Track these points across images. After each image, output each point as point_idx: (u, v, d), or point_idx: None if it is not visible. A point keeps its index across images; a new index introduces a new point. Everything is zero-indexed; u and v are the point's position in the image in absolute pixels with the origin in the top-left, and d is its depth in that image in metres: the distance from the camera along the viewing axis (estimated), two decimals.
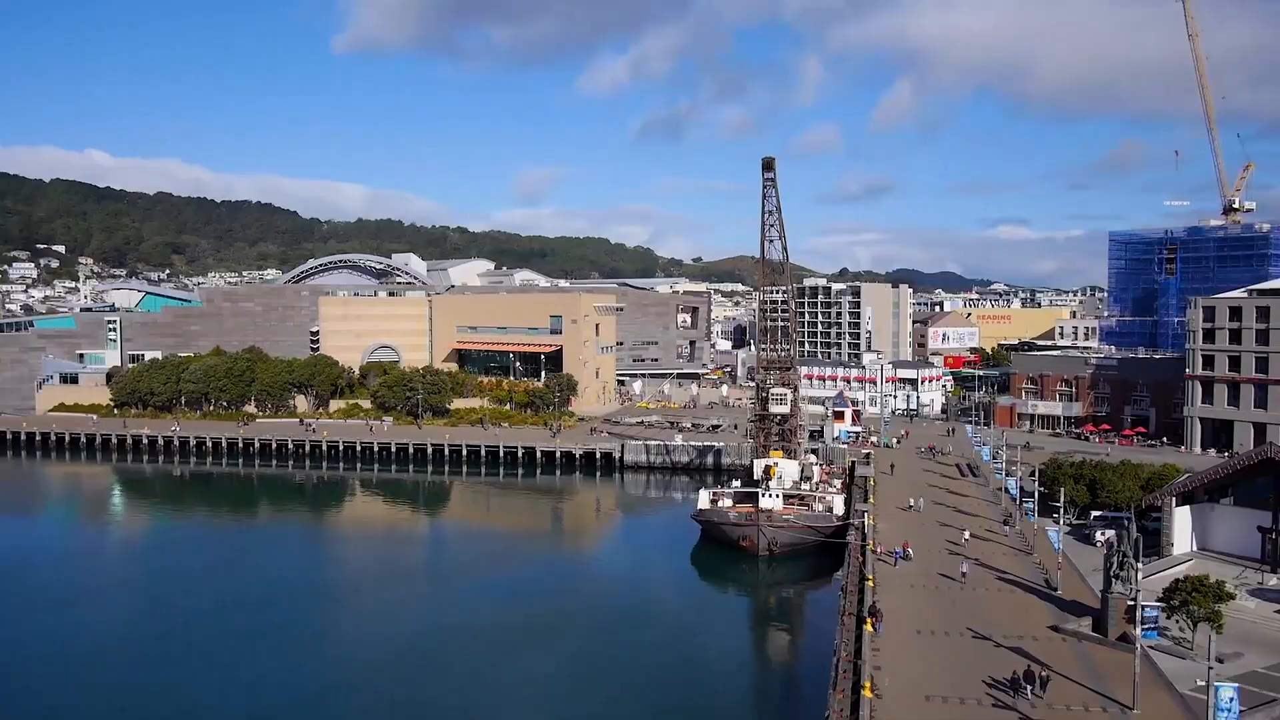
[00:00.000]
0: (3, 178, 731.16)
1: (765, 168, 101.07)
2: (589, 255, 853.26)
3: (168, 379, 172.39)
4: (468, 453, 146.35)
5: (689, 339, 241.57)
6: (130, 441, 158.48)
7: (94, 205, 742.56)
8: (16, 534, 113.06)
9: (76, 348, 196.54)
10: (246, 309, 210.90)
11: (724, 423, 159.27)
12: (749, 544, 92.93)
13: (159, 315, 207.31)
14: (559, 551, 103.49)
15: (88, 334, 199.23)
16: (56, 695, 62.12)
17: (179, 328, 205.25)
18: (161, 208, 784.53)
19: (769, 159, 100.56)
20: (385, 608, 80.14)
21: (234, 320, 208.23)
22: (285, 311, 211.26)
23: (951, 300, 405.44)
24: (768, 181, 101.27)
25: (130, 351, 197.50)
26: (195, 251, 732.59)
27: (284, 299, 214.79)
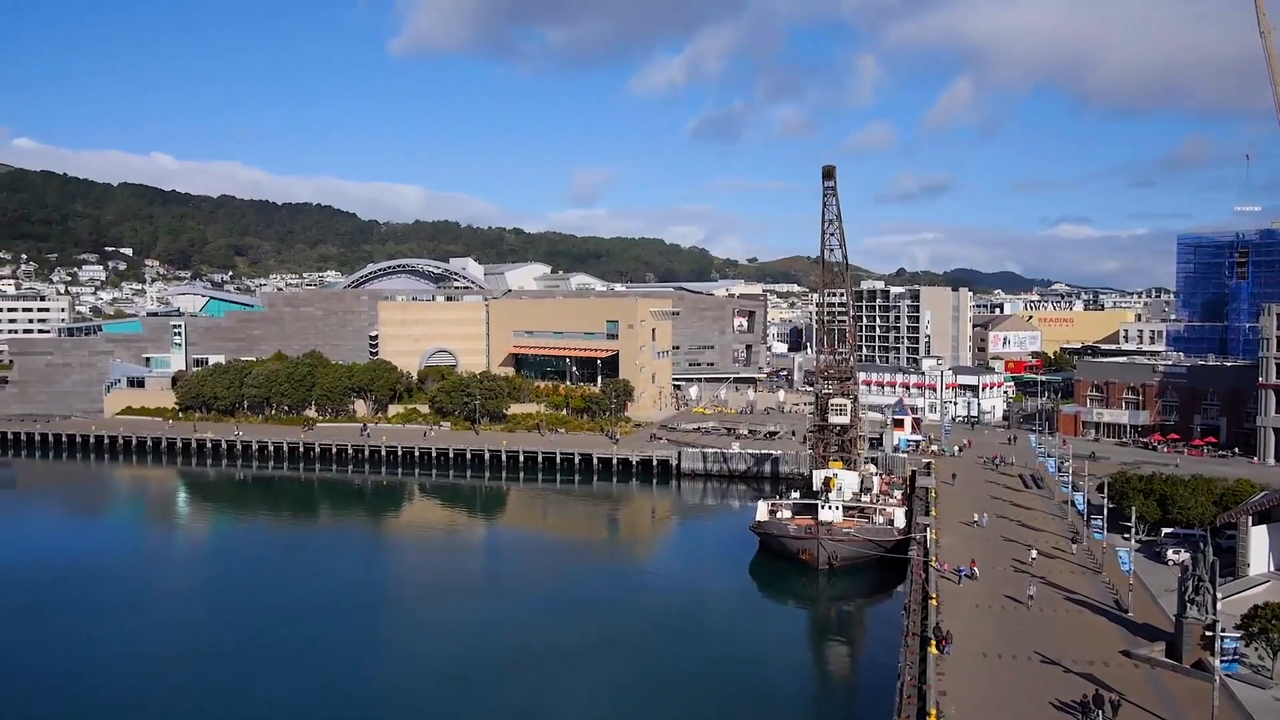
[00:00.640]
0: (74, 182, 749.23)
1: (825, 176, 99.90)
2: (644, 256, 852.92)
3: (231, 383, 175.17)
4: (524, 459, 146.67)
5: (745, 343, 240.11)
6: (195, 445, 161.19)
7: (160, 208, 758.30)
8: (86, 538, 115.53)
9: (143, 352, 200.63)
10: (307, 313, 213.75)
11: (781, 429, 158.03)
12: (808, 557, 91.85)
13: (222, 320, 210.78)
14: (616, 562, 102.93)
15: (154, 338, 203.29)
16: (122, 703, 63.14)
17: (242, 332, 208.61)
18: (224, 210, 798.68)
19: (829, 167, 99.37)
20: (442, 620, 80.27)
21: (295, 324, 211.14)
22: (345, 316, 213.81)
23: (1012, 302, 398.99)
24: (828, 190, 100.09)
25: (194, 355, 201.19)
26: (257, 253, 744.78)
27: (344, 303, 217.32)
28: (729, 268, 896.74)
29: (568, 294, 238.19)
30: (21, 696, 64.27)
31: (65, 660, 70.54)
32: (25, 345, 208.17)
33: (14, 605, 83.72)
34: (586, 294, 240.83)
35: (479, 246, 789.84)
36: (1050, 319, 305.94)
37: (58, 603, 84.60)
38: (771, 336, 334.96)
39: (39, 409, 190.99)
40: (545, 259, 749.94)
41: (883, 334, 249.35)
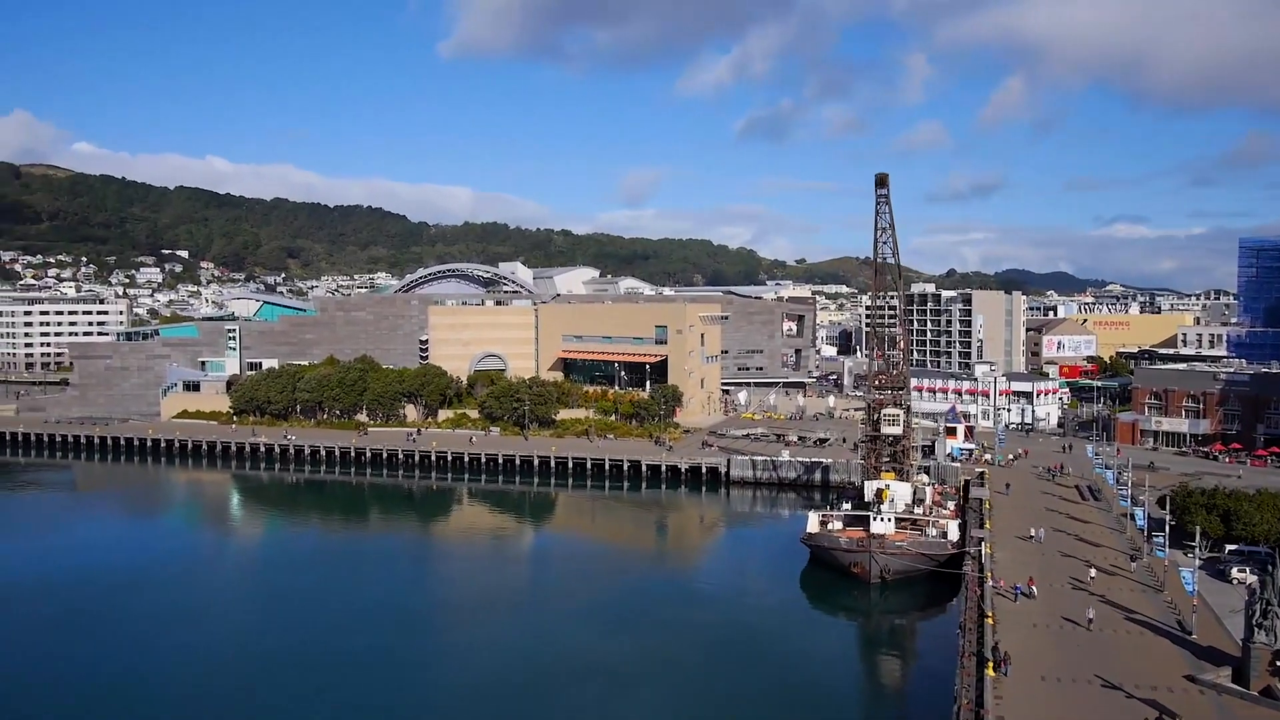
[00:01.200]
0: (132, 186, 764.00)
1: (878, 184, 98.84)
2: (691, 257, 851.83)
3: (284, 388, 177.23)
4: (573, 465, 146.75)
5: (794, 347, 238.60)
6: (248, 449, 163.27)
7: (214, 211, 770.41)
8: (141, 543, 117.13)
9: (198, 355, 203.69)
10: (358, 318, 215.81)
11: (831, 436, 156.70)
12: (860, 571, 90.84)
13: (275, 324, 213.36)
14: (666, 573, 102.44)
15: (209, 342, 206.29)
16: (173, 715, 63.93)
17: (294, 336, 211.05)
18: (277, 213, 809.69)
19: (882, 175, 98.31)
20: (491, 633, 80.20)
21: (346, 328, 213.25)
22: (395, 320, 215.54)
23: (1065, 304, 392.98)
24: (880, 198, 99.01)
25: (248, 359, 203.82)
26: (309, 255, 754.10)
27: (394, 308, 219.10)
28: (777, 269, 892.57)
29: (616, 298, 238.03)
30: (72, 707, 65.31)
31: (116, 671, 71.64)
32: (85, 349, 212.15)
33: (68, 611, 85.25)
34: (635, 298, 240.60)
35: (527, 248, 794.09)
36: (1105, 322, 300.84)
37: (111, 610, 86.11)
38: (820, 340, 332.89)
39: (98, 411, 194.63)
40: (593, 261, 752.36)
41: (934, 338, 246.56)
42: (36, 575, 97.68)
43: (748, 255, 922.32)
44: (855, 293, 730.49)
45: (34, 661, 73.26)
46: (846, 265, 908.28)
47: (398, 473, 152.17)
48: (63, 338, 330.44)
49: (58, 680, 69.43)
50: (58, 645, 76.60)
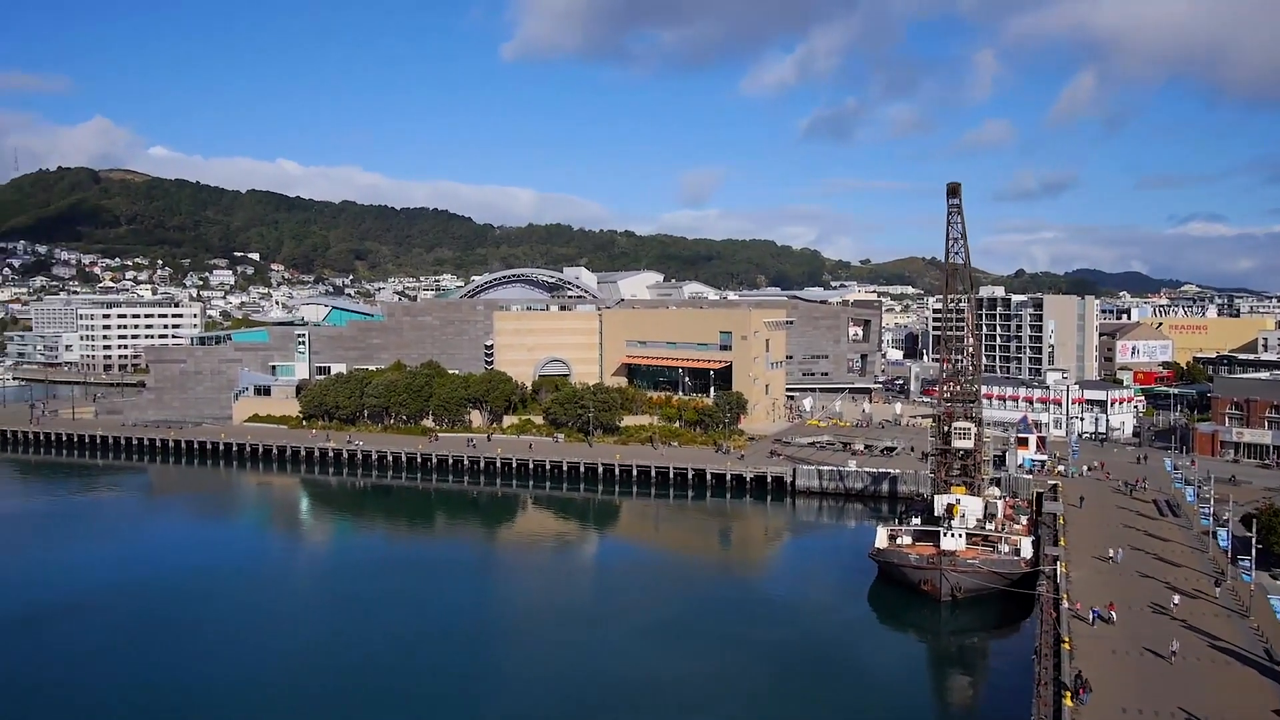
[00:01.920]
0: (205, 190, 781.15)
1: (950, 193, 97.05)
2: (755, 258, 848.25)
3: (352, 393, 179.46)
4: (638, 473, 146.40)
5: (860, 352, 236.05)
6: (317, 453, 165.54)
7: (284, 214, 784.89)
8: (211, 549, 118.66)
9: (269, 360, 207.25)
10: (425, 323, 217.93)
11: (898, 444, 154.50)
12: (930, 588, 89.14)
13: (344, 329, 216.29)
14: (730, 586, 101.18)
15: (279, 346, 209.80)
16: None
17: (362, 340, 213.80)
18: (345, 215, 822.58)
19: (954, 185, 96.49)
20: (554, 650, 79.75)
21: (413, 333, 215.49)
22: (461, 325, 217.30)
23: (1140, 307, 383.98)
24: (953, 207, 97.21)
25: (317, 364, 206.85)
26: (376, 257, 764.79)
27: (460, 313, 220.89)
28: (841, 270, 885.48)
29: (680, 303, 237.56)
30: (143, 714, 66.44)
31: (187, 680, 72.61)
32: (160, 353, 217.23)
33: (142, 618, 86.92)
34: (699, 302, 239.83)
35: (590, 250, 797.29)
36: (1181, 326, 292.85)
37: (184, 617, 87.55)
38: (886, 344, 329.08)
39: (173, 414, 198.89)
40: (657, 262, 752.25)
41: (1003, 344, 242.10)
42: (113, 580, 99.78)
43: (811, 256, 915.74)
44: (921, 294, 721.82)
45: (108, 668, 74.80)
46: (912, 265, 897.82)
47: (463, 479, 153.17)
48: (139, 340, 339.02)
49: (127, 688, 70.76)
50: (130, 653, 78.19)
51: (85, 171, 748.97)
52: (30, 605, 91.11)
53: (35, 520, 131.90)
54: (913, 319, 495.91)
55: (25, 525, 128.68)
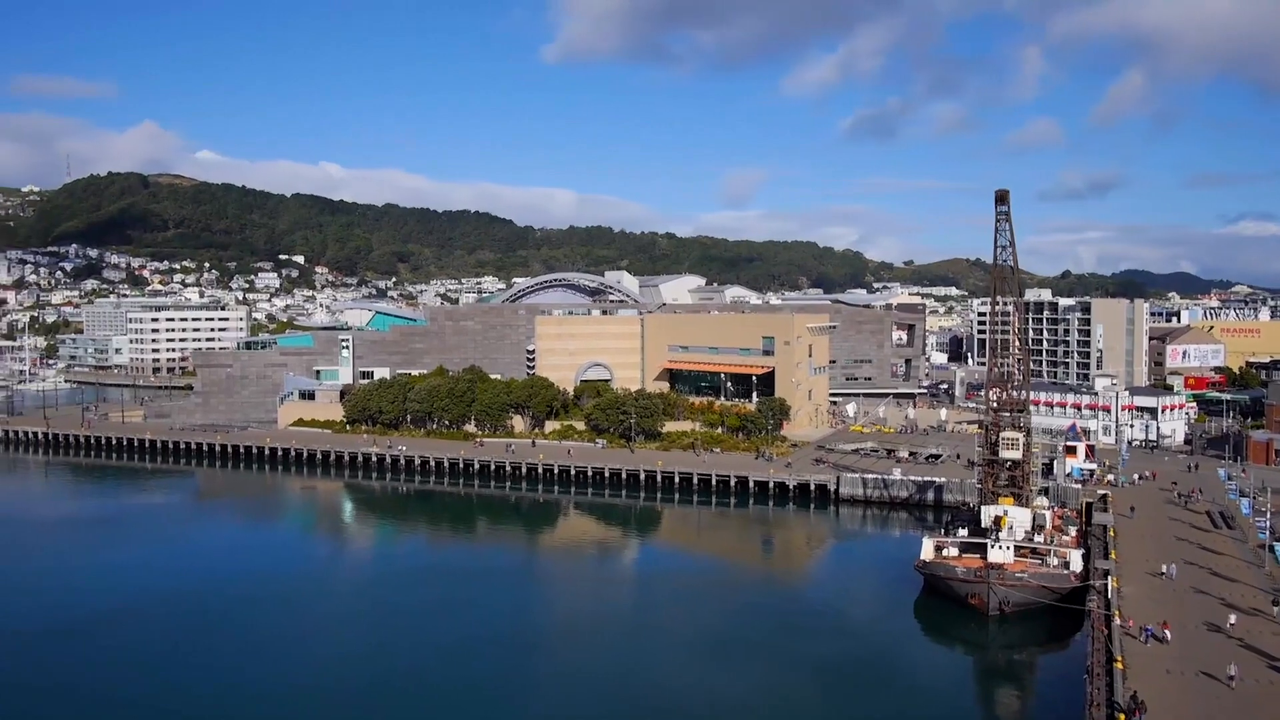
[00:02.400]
0: (251, 193, 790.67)
1: (998, 200, 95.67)
2: (796, 260, 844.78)
3: (395, 398, 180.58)
4: (679, 480, 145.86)
5: (904, 356, 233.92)
6: (361, 458, 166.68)
7: (328, 217, 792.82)
8: (255, 555, 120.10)
9: (313, 364, 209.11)
10: (467, 327, 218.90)
11: (944, 451, 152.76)
12: (978, 602, 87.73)
13: (387, 334, 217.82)
14: (774, 598, 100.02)
15: (323, 351, 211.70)
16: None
17: (405, 345, 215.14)
18: (388, 218, 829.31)
19: (1002, 192, 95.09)
20: (596, 662, 79.48)
21: (455, 338, 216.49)
22: (503, 330, 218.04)
23: (1190, 309, 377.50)
24: (1001, 215, 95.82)
25: (361, 368, 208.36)
26: (418, 260, 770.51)
27: (501, 317, 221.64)
28: (884, 271, 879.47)
29: (722, 307, 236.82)
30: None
31: (226, 689, 73.15)
32: (207, 358, 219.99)
33: (186, 627, 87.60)
34: (741, 307, 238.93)
35: (631, 251, 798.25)
36: (1233, 329, 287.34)
37: (226, 625, 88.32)
38: (930, 347, 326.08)
39: (220, 418, 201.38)
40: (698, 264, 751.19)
41: (1050, 349, 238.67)
42: (161, 586, 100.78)
43: (854, 257, 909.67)
44: (966, 294, 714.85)
45: (156, 674, 75.48)
46: (956, 266, 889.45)
47: (505, 484, 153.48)
48: (187, 344, 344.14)
49: (175, 694, 71.40)
50: (178, 659, 78.84)
51: (135, 176, 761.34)
52: (80, 611, 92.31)
53: (87, 525, 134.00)
54: (957, 321, 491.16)
55: (77, 530, 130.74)
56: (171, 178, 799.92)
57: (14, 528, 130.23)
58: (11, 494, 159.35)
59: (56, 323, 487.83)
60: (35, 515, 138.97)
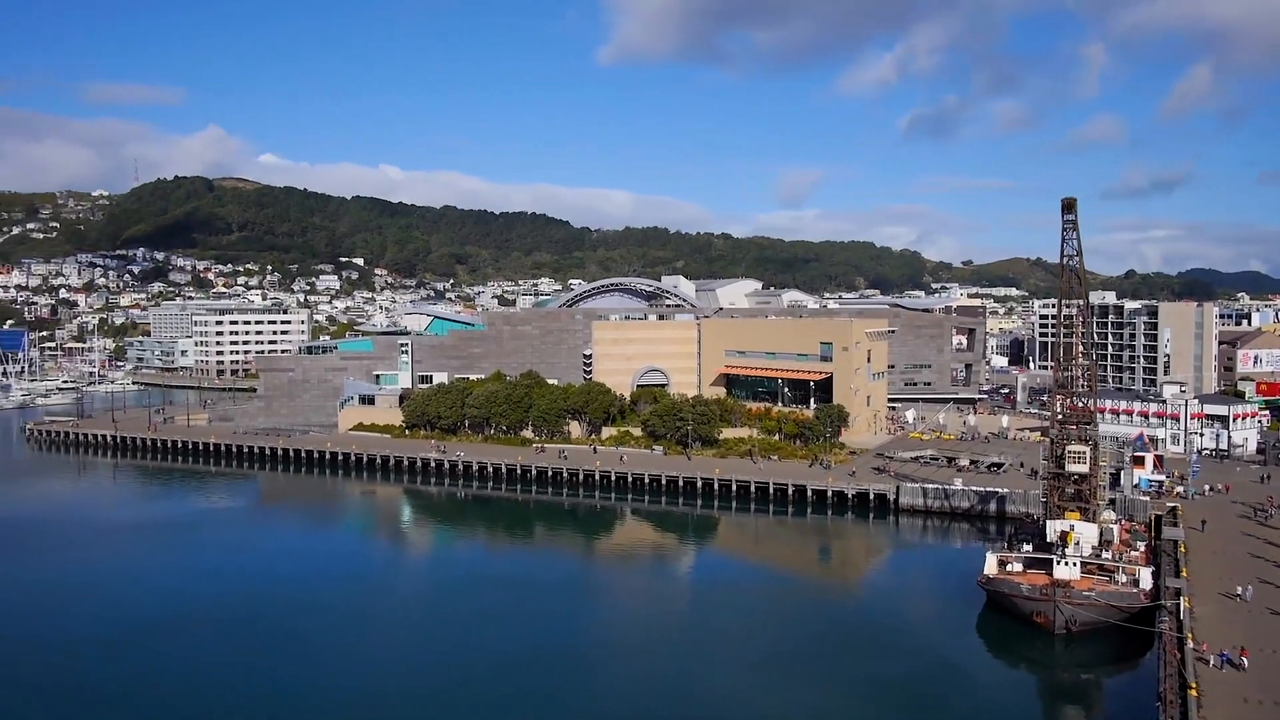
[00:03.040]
0: (312, 196, 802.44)
1: (1066, 209, 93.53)
2: (853, 260, 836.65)
3: (453, 404, 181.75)
4: (736, 488, 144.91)
5: (964, 361, 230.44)
6: (419, 464, 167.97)
7: (387, 219, 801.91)
8: (314, 560, 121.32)
9: (373, 369, 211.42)
10: (524, 332, 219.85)
11: (1006, 460, 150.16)
12: (1043, 621, 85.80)
13: (445, 339, 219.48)
14: (832, 613, 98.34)
15: (383, 355, 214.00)
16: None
17: (463, 350, 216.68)
18: (446, 220, 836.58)
19: (1069, 200, 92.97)
20: (649, 676, 78.75)
21: (513, 343, 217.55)
22: (560, 335, 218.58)
23: (1261, 311, 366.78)
24: (1068, 223, 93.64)
25: (419, 372, 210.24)
26: (476, 261, 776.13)
27: (559, 322, 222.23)
28: (942, 271, 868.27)
29: (779, 311, 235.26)
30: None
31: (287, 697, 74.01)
32: (270, 362, 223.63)
33: (248, 635, 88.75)
34: (798, 311, 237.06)
35: (687, 253, 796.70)
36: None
37: (281, 633, 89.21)
38: (990, 350, 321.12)
39: (281, 422, 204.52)
40: (754, 265, 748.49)
41: (1115, 354, 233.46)
42: (225, 591, 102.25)
43: (911, 257, 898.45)
44: (1026, 295, 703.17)
45: (219, 680, 76.47)
46: (1016, 266, 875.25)
47: (562, 490, 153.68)
48: (250, 346, 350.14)
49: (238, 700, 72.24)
50: (241, 667, 79.74)
51: (200, 180, 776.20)
52: (143, 617, 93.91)
53: (152, 529, 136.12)
54: (1018, 324, 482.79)
55: (143, 534, 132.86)
56: (235, 181, 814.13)
57: (82, 532, 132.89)
58: (81, 498, 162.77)
59: (125, 325, 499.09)
60: (103, 519, 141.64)
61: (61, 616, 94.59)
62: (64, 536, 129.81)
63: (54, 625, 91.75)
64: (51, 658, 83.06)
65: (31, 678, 78.25)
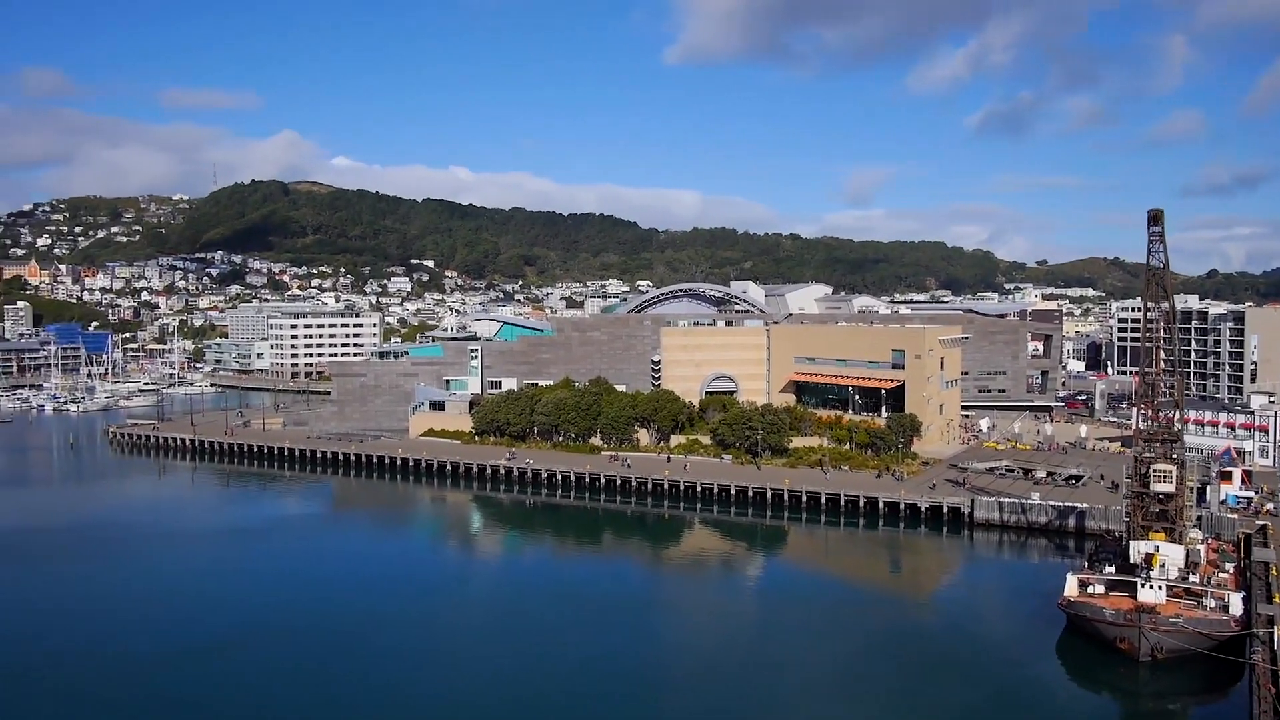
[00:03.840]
0: (384, 199, 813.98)
1: (1152, 220, 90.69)
2: (923, 260, 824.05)
3: (522, 410, 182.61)
4: (807, 499, 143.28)
5: (1040, 368, 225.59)
6: (489, 470, 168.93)
7: (457, 222, 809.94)
8: (386, 568, 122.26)
9: (443, 374, 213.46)
10: (593, 338, 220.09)
11: (1085, 472, 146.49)
12: (1127, 647, 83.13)
13: (515, 344, 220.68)
14: (905, 633, 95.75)
15: (453, 361, 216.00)
16: None
17: (532, 355, 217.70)
18: (515, 222, 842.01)
19: (1156, 212, 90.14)
20: (719, 696, 78.04)
21: (581, 349, 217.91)
22: (628, 340, 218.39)
23: None
24: (1154, 236, 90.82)
25: (489, 377, 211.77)
26: (544, 263, 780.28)
27: (627, 328, 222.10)
28: (1015, 271, 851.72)
29: (850, 317, 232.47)
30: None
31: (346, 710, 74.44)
32: (343, 367, 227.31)
33: (311, 645, 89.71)
34: (870, 317, 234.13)
35: (755, 253, 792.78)
36: None
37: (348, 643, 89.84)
38: (1066, 354, 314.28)
39: (353, 426, 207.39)
40: (822, 266, 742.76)
41: (1199, 361, 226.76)
42: (296, 600, 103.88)
43: (983, 257, 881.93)
44: (1103, 296, 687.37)
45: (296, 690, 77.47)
46: (1093, 266, 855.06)
47: (630, 500, 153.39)
48: (323, 348, 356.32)
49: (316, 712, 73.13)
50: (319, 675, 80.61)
51: (276, 184, 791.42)
52: (223, 626, 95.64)
53: (229, 535, 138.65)
54: (1095, 327, 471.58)
55: (222, 541, 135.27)
56: (310, 185, 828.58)
57: (161, 538, 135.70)
58: (160, 502, 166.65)
59: (203, 326, 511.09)
60: (181, 526, 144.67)
61: (140, 626, 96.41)
62: (144, 542, 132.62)
63: (134, 635, 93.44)
64: (129, 669, 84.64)
65: (109, 692, 79.78)
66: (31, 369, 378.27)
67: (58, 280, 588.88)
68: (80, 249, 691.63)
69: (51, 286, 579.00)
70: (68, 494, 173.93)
